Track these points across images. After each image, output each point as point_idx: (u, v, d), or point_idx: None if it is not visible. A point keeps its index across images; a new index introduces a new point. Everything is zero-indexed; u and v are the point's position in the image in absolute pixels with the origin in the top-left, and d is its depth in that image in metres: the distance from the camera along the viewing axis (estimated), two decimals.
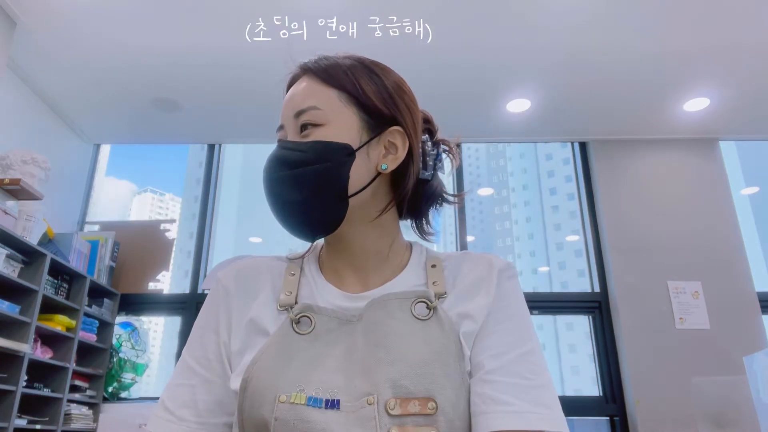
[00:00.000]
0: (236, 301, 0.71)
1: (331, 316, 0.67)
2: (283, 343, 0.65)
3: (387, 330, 0.65)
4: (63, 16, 2.94)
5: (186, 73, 3.39)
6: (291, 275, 0.72)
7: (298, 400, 0.60)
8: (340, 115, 0.69)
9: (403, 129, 0.71)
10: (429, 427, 0.59)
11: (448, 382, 0.62)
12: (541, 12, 2.93)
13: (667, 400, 3.41)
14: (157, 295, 3.85)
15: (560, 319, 10.94)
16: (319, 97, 0.70)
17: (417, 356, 0.63)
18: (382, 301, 0.67)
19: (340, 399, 0.60)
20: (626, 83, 3.50)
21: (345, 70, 0.71)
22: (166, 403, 0.68)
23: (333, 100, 0.69)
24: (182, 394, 0.68)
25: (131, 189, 6.84)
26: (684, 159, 4.08)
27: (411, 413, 0.59)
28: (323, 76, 0.71)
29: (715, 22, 2.99)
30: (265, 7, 2.89)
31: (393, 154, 0.71)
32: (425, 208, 0.77)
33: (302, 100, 0.70)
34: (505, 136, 4.26)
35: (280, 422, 0.59)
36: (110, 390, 3.44)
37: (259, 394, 0.61)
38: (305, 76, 0.73)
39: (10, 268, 2.74)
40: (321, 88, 0.70)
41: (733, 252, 3.82)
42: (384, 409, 0.59)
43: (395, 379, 0.61)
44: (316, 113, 0.69)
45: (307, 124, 0.69)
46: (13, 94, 3.35)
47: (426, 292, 0.68)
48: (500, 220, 22.34)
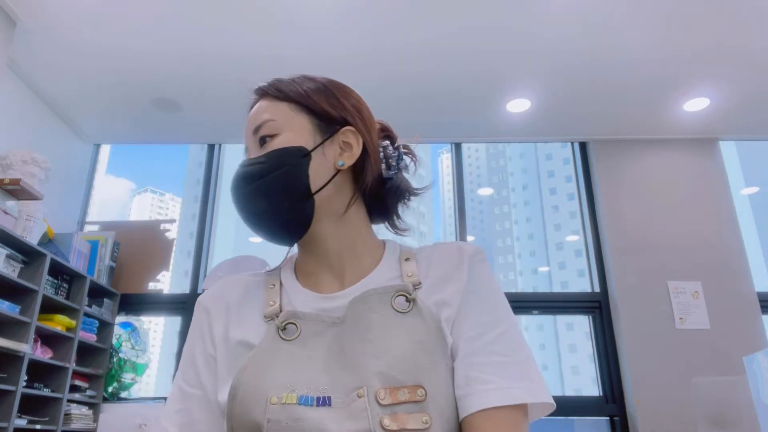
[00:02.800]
0: (219, 320, 0.73)
1: (316, 320, 0.69)
2: (271, 349, 0.67)
3: (370, 325, 0.67)
4: (63, 16, 2.94)
5: (186, 73, 3.39)
6: (271, 287, 0.75)
7: (290, 400, 0.61)
8: (292, 122, 0.74)
9: (355, 128, 0.76)
10: (420, 413, 0.60)
11: (435, 369, 0.63)
12: (541, 12, 2.93)
13: (667, 400, 3.41)
14: (157, 295, 3.85)
15: (560, 319, 10.94)
16: (272, 111, 0.75)
17: (402, 348, 0.64)
18: (363, 298, 0.69)
19: (331, 396, 0.62)
20: (626, 83, 3.50)
21: (294, 84, 0.77)
22: (169, 430, 0.71)
23: (285, 111, 0.74)
24: (181, 418, 0.71)
25: (131, 189, 6.85)
26: (684, 159, 4.08)
27: (401, 401, 0.61)
28: (275, 93, 0.76)
29: (715, 22, 3.00)
30: (265, 7, 2.89)
31: (348, 151, 0.75)
32: (392, 204, 0.80)
33: (258, 116, 0.75)
34: (505, 136, 4.26)
35: (272, 423, 0.60)
36: (110, 390, 3.44)
37: (250, 398, 0.62)
38: (261, 99, 0.78)
39: (10, 268, 2.74)
40: (274, 103, 0.76)
41: (733, 252, 3.82)
42: (374, 399, 0.61)
43: (382, 370, 0.63)
44: (270, 125, 0.73)
45: (264, 136, 0.73)
46: (13, 94, 3.35)
47: (404, 286, 0.70)
48: (500, 220, 22.32)
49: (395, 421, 0.60)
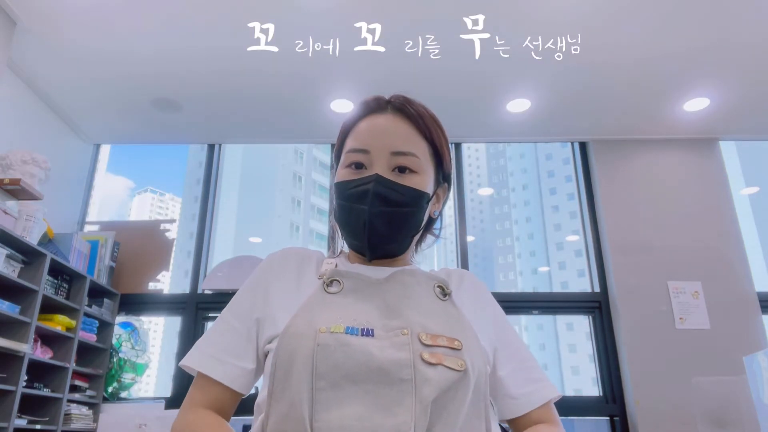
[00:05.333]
0: (278, 276, 0.82)
1: (357, 278, 0.78)
2: (318, 300, 0.75)
3: (412, 291, 0.77)
4: (63, 16, 2.94)
5: (186, 73, 3.39)
6: (328, 262, 0.84)
7: (337, 329, 0.68)
8: (428, 167, 0.83)
9: (447, 185, 0.90)
10: (457, 358, 0.68)
11: (468, 335, 0.73)
12: (541, 13, 2.93)
13: (667, 400, 3.41)
14: (157, 295, 3.84)
15: (560, 319, 10.94)
16: (417, 147, 0.82)
17: (439, 316, 0.74)
18: (409, 271, 0.81)
19: (375, 329, 0.69)
20: (626, 83, 3.50)
21: (433, 127, 0.84)
22: (198, 342, 0.79)
23: (426, 153, 0.83)
24: (210, 336, 0.80)
25: (131, 189, 6.87)
26: (684, 159, 4.08)
27: (441, 345, 0.69)
28: (419, 126, 0.83)
29: (715, 22, 2.99)
30: (265, 8, 2.89)
31: (438, 203, 0.89)
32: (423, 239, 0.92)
33: (403, 143, 0.81)
34: (505, 136, 4.26)
35: (321, 347, 0.66)
36: (110, 390, 3.44)
37: (300, 331, 0.68)
38: (395, 115, 0.84)
39: (10, 268, 2.74)
40: (418, 138, 0.83)
41: (733, 252, 3.82)
42: (417, 338, 0.68)
43: (423, 322, 0.71)
44: (415, 161, 0.81)
45: (406, 168, 0.80)
46: (13, 94, 3.35)
47: (444, 280, 0.81)
48: (500, 220, 22.32)
49: (434, 357, 0.67)
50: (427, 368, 0.65)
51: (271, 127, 3.99)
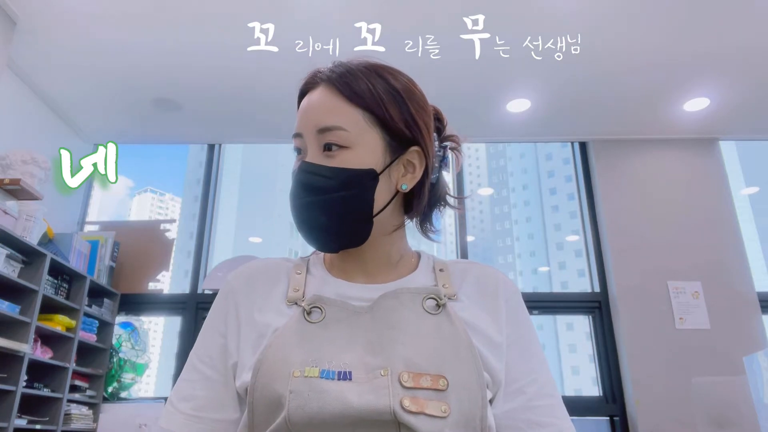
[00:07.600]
0: (244, 300, 0.72)
1: (341, 306, 0.69)
2: (295, 330, 0.67)
3: (399, 317, 0.68)
4: (63, 15, 2.94)
5: (186, 73, 3.39)
6: (297, 274, 0.74)
7: (312, 373, 0.62)
8: (365, 137, 0.69)
9: (420, 148, 0.72)
10: (440, 402, 0.61)
11: (459, 363, 0.64)
12: (541, 13, 2.93)
13: (667, 400, 3.41)
14: (157, 295, 3.84)
15: (560, 319, 10.94)
16: (344, 117, 0.69)
17: (428, 339, 0.66)
18: (394, 293, 0.70)
19: (353, 371, 0.62)
20: (626, 83, 3.50)
21: (369, 88, 0.70)
22: (171, 396, 0.72)
23: (359, 122, 0.69)
24: (183, 389, 0.71)
25: (131, 188, 6.85)
26: (684, 159, 4.08)
27: (423, 387, 0.61)
28: (347, 93, 0.70)
29: (715, 22, 2.99)
30: (265, 8, 2.89)
31: (411, 173, 0.73)
32: (429, 210, 0.79)
33: (326, 116, 0.69)
34: (505, 136, 4.26)
35: (294, 394, 0.60)
36: (110, 390, 3.44)
37: (273, 372, 0.63)
38: (324, 87, 0.72)
39: (10, 268, 2.74)
40: (346, 106, 0.69)
41: (733, 252, 3.81)
42: (397, 380, 0.61)
43: (408, 356, 0.63)
44: (342, 134, 0.68)
45: (332, 144, 0.68)
46: (13, 94, 3.35)
47: (436, 290, 0.71)
48: (500, 220, 22.31)
49: (415, 403, 0.60)
50: (408, 416, 0.59)
51: (271, 127, 3.98)
